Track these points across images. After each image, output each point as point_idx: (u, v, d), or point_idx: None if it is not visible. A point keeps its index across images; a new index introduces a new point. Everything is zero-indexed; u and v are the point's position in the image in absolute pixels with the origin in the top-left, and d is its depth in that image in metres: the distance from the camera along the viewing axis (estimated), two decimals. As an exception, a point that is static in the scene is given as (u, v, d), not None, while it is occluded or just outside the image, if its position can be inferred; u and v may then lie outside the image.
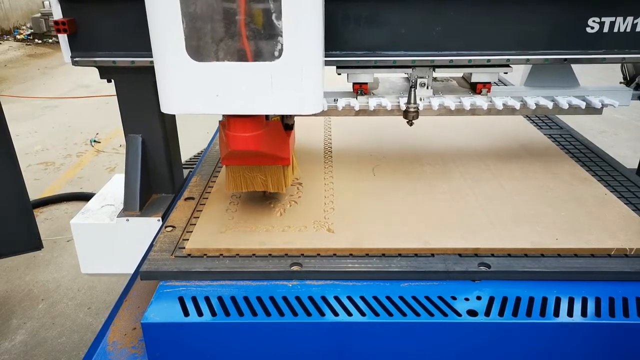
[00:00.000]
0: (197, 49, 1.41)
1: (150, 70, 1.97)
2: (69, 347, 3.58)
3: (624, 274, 1.56)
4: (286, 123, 1.79)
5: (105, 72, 2.07)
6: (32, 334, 3.69)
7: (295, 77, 1.43)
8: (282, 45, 1.39)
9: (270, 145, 1.67)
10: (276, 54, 1.40)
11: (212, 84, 1.45)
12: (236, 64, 1.42)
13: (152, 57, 1.89)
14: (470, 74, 2.06)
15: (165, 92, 1.49)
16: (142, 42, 1.91)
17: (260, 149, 1.62)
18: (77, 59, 1.96)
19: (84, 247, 2.29)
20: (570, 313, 1.44)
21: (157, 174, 2.32)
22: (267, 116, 1.63)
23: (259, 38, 1.39)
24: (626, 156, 6.03)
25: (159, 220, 2.18)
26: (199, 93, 1.46)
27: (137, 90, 2.12)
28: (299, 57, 1.41)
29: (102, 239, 2.25)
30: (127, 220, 2.20)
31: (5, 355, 3.49)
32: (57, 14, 1.88)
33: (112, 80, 2.11)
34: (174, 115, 2.36)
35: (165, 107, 1.51)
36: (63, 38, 1.92)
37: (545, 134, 2.65)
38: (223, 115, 1.63)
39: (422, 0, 1.79)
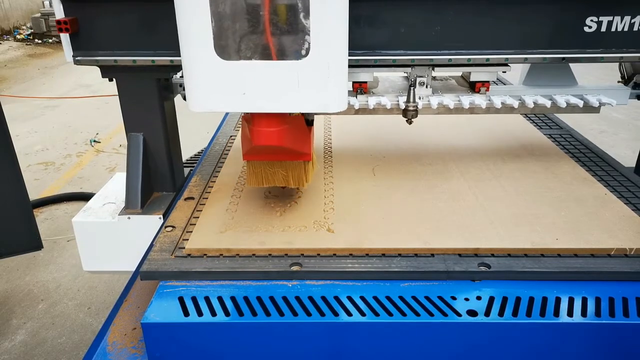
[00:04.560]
0: (226, 48, 1.42)
1: (151, 69, 2.00)
2: (69, 347, 3.58)
3: (624, 274, 1.56)
4: (307, 118, 1.79)
5: (107, 71, 2.08)
6: (32, 334, 3.69)
7: (322, 76, 1.44)
8: (309, 43, 1.40)
9: (293, 141, 1.68)
10: (303, 52, 1.41)
11: (240, 83, 1.46)
12: (263, 63, 1.43)
13: (153, 56, 1.94)
14: (469, 73, 2.07)
15: (193, 91, 1.49)
16: (143, 41, 1.93)
17: (283, 144, 1.63)
18: (79, 58, 1.97)
19: (86, 245, 2.29)
20: (570, 313, 1.44)
21: (158, 172, 2.33)
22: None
23: (286, 37, 1.40)
24: (626, 156, 6.03)
25: (160, 218, 2.18)
26: (226, 91, 1.47)
27: (138, 89, 2.12)
28: (325, 56, 1.42)
29: (104, 237, 2.26)
30: (129, 218, 2.21)
31: (5, 355, 3.49)
32: (59, 13, 1.89)
33: (114, 79, 2.12)
34: (175, 114, 2.36)
35: (193, 106, 1.52)
36: (65, 37, 1.92)
37: (545, 134, 2.65)
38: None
39: None
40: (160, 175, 2.33)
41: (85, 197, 5.39)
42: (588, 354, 1.46)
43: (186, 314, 1.45)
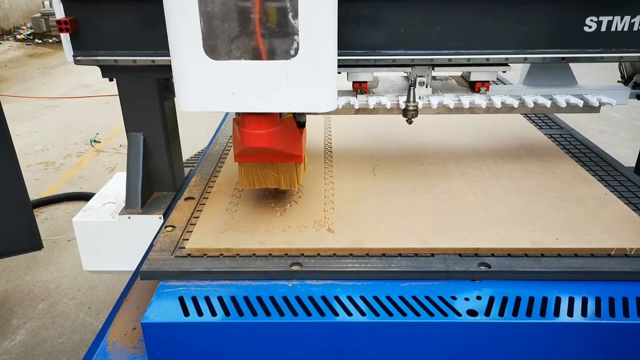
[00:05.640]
0: (215, 48, 1.42)
1: (151, 69, 2.00)
2: (69, 347, 3.58)
3: (624, 274, 1.56)
4: (298, 121, 1.79)
5: (107, 71, 2.08)
6: (32, 334, 3.69)
7: (311, 76, 1.44)
8: (298, 43, 1.40)
9: (284, 143, 1.68)
10: (292, 52, 1.42)
11: (229, 82, 1.46)
12: (253, 63, 1.43)
13: (153, 55, 1.94)
14: (469, 72, 2.07)
15: (183, 90, 1.50)
16: (143, 41, 1.93)
17: (274, 146, 1.64)
18: (79, 57, 1.97)
19: (86, 245, 2.30)
20: (570, 313, 1.44)
21: (159, 172, 2.33)
22: (280, 113, 1.64)
23: (275, 37, 1.40)
24: (626, 156, 6.03)
25: (160, 217, 2.19)
26: (216, 91, 1.47)
27: (138, 89, 2.13)
28: (314, 56, 1.42)
29: (104, 237, 2.27)
30: (129, 218, 2.21)
31: (5, 355, 3.49)
32: (60, 13, 1.89)
33: (114, 79, 2.12)
34: (175, 114, 2.36)
35: (183, 106, 1.52)
36: (65, 37, 1.93)
37: (545, 134, 2.65)
38: (237, 113, 1.64)
39: (422, -1, 1.80)
40: (160, 175, 2.34)
41: (85, 197, 5.38)
42: (588, 354, 1.47)
43: (186, 314, 1.45)
